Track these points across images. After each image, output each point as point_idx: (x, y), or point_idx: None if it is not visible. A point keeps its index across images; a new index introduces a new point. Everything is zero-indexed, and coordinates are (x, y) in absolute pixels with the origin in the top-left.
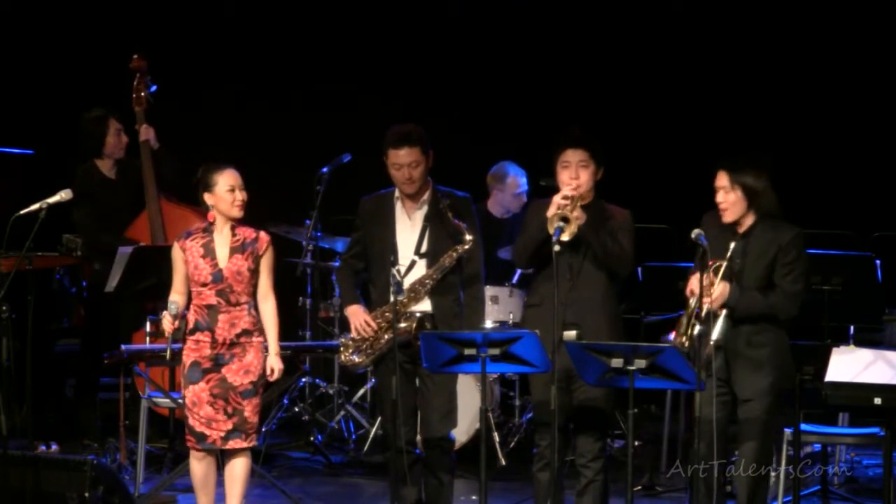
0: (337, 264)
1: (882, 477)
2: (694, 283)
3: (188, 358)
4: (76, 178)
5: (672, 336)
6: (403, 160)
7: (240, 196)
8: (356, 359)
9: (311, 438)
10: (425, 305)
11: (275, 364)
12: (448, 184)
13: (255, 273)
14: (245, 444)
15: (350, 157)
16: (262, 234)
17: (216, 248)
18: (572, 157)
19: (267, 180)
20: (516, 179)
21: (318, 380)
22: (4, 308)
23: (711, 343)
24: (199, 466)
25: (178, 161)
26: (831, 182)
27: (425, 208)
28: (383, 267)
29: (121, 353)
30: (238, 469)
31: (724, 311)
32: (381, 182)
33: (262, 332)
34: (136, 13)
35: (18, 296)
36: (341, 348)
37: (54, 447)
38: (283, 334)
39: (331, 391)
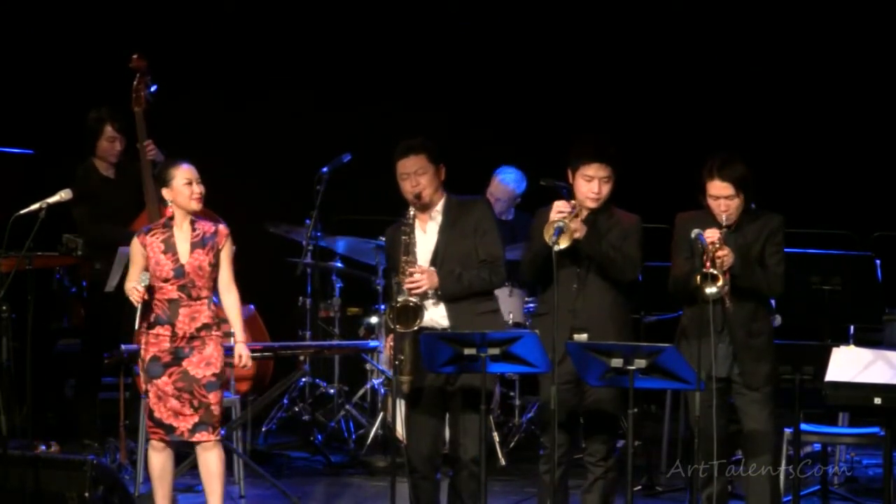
0: (338, 264)
1: (882, 477)
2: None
3: (147, 353)
4: (75, 178)
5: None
6: (410, 168)
7: (197, 189)
8: (404, 379)
9: (311, 438)
10: (440, 313)
11: (242, 351)
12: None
13: (215, 267)
14: (212, 437)
15: (350, 156)
16: (221, 227)
17: (177, 244)
18: (597, 171)
19: (267, 180)
20: (496, 179)
21: (318, 380)
22: (4, 308)
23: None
24: (157, 458)
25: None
26: (832, 182)
27: (439, 219)
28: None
29: (121, 353)
30: (213, 464)
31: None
32: (383, 184)
33: (220, 326)
34: (136, 13)
35: (18, 296)
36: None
37: (54, 447)
38: (284, 334)
39: (331, 391)
